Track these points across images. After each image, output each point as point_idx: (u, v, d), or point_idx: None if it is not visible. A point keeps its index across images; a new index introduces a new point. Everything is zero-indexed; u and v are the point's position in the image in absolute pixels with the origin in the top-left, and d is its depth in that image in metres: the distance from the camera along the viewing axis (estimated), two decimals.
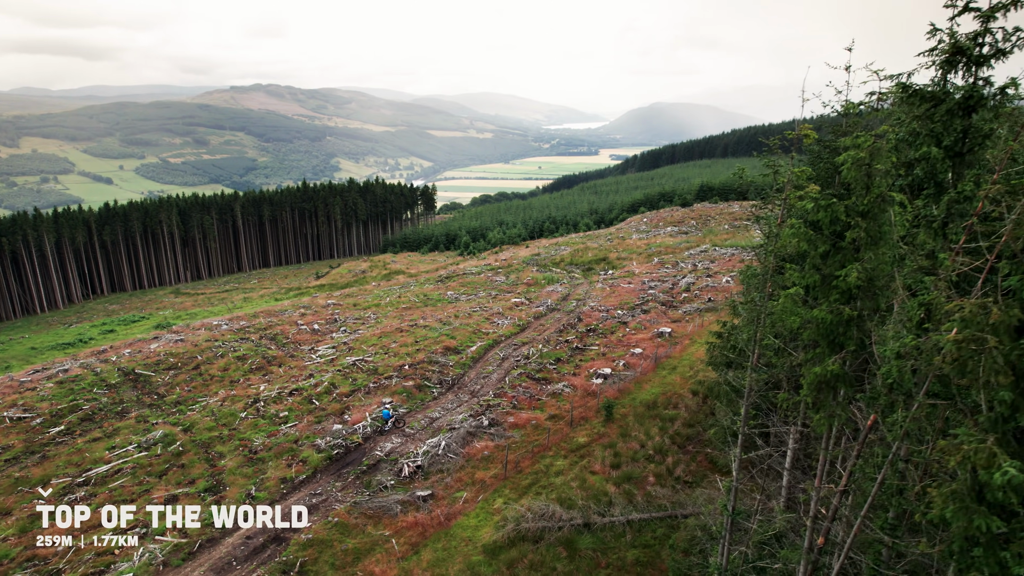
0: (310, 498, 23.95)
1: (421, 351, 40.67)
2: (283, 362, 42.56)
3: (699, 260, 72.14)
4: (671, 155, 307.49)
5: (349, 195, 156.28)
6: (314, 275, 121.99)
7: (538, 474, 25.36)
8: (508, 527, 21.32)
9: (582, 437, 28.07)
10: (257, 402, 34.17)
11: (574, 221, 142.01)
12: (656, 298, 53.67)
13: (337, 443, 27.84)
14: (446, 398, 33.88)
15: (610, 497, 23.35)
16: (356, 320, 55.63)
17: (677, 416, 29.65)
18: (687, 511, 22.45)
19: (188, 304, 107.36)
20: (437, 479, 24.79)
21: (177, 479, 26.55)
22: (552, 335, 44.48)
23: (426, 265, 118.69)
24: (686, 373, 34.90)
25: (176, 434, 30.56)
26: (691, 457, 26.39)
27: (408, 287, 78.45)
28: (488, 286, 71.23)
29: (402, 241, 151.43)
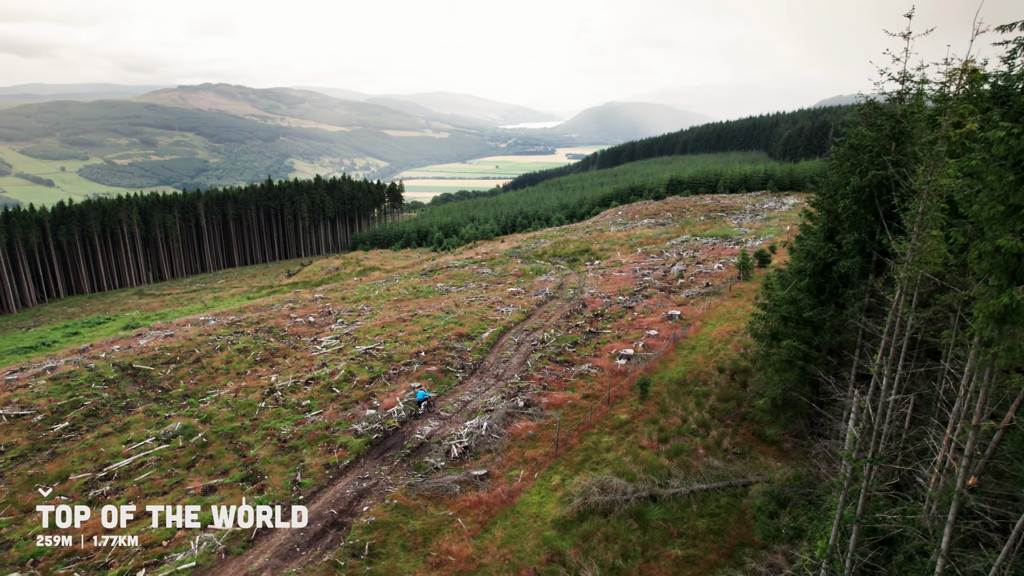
0: (359, 482, 23.10)
1: (433, 338, 39.99)
2: (287, 353, 41.29)
3: (683, 249, 72.98)
4: (631, 152, 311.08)
5: (316, 192, 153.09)
6: (285, 273, 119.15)
7: (588, 451, 25.04)
8: (575, 502, 20.93)
9: (623, 414, 27.86)
10: (273, 392, 33.00)
11: (546, 216, 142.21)
12: (652, 284, 53.97)
13: (375, 428, 27.00)
14: (471, 382, 33.30)
15: (668, 469, 23.19)
16: (350, 312, 54.41)
17: (710, 392, 29.74)
18: (748, 479, 22.43)
19: (155, 305, 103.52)
20: (488, 459, 24.22)
21: (208, 470, 25.35)
22: (560, 321, 44.32)
23: (400, 261, 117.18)
24: (707, 352, 35.08)
25: (196, 426, 29.22)
26: (733, 430, 26.44)
27: (394, 281, 77.29)
28: (476, 278, 70.61)
29: (372, 238, 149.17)
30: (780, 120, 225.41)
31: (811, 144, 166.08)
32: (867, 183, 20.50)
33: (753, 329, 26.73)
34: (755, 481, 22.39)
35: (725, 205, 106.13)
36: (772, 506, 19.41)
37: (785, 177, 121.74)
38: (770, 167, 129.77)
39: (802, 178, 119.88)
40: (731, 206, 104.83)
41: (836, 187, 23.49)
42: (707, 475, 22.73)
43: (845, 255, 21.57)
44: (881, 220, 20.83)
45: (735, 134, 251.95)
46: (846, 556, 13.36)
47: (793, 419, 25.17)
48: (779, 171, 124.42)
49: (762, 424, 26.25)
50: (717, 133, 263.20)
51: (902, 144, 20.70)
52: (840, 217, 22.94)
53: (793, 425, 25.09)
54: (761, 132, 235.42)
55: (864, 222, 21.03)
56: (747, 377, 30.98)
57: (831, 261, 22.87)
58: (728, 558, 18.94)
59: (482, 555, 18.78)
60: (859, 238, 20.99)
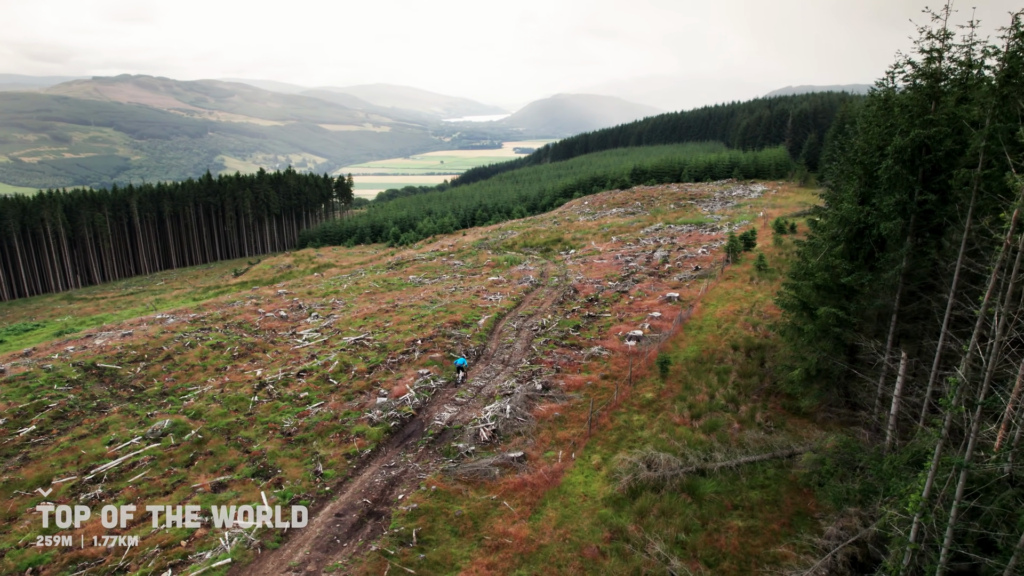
0: (387, 471, 22.42)
1: (427, 327, 39.42)
2: (266, 348, 40.00)
3: (659, 237, 73.99)
4: (584, 144, 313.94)
5: (260, 187, 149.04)
6: (231, 273, 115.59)
7: (621, 429, 24.97)
8: (624, 479, 20.80)
9: (648, 393, 27.92)
10: (264, 386, 31.86)
11: (506, 208, 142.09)
12: (639, 270, 54.51)
13: (391, 415, 26.31)
14: (478, 368, 32.90)
15: (709, 444, 23.31)
16: (323, 306, 53.17)
17: (729, 369, 30.12)
18: (792, 450, 22.72)
19: (90, 309, 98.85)
20: (519, 441, 23.87)
21: (211, 467, 24.20)
22: (554, 306, 44.37)
23: (356, 258, 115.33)
24: (716, 331, 35.55)
25: (186, 423, 27.90)
26: (763, 404, 26.80)
27: (360, 275, 75.99)
28: (448, 270, 70.13)
29: (322, 235, 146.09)
30: (736, 110, 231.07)
31: (770, 133, 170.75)
32: (909, 143, 20.98)
33: (782, 300, 27.13)
34: (799, 451, 22.71)
35: (693, 193, 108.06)
36: (841, 470, 19.68)
37: (750, 165, 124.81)
38: (734, 155, 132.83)
39: (767, 165, 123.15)
40: (699, 194, 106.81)
41: (868, 151, 24.07)
42: (750, 448, 22.93)
43: (885, 217, 22.02)
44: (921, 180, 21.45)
45: (691, 124, 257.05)
46: (951, 504, 13.56)
47: (827, 389, 25.68)
48: (744, 159, 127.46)
49: (793, 397, 26.69)
50: (672, 124, 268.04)
51: (942, 103, 21.28)
52: (877, 180, 23.50)
53: (827, 395, 25.59)
54: (717, 122, 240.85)
55: (905, 183, 21.54)
56: (764, 354, 31.52)
57: (867, 224, 23.38)
58: (789, 527, 19.13)
59: (540, 536, 18.44)
60: (900, 199, 21.47)
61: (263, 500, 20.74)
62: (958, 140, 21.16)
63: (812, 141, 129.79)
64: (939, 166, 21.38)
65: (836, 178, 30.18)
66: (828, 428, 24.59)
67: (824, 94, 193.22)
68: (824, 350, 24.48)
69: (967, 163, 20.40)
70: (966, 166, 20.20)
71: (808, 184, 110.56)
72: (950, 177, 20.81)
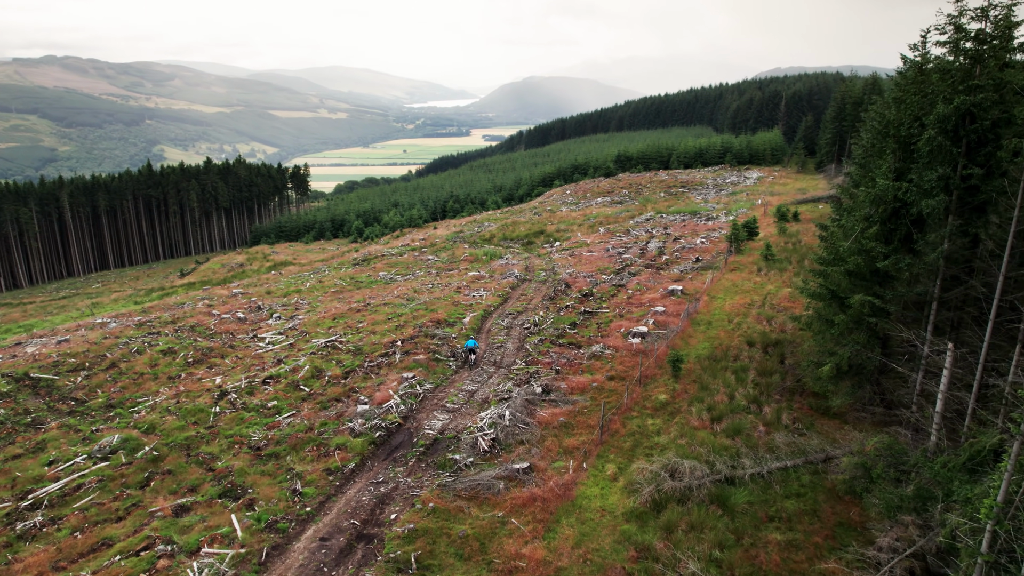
0: (375, 487, 21.39)
1: (406, 327, 38.50)
2: (225, 353, 38.61)
3: (651, 227, 73.85)
4: (561, 130, 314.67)
5: (207, 178, 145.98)
6: (177, 273, 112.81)
7: (635, 435, 24.24)
8: (646, 491, 20.05)
9: (661, 394, 27.26)
10: (226, 395, 30.57)
11: (480, 199, 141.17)
12: (635, 262, 54.10)
13: (375, 425, 25.26)
14: (467, 371, 31.98)
15: (735, 449, 22.68)
16: (284, 307, 51.78)
17: (747, 367, 29.64)
18: (827, 453, 22.19)
19: (16, 315, 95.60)
20: (523, 451, 23.01)
21: (170, 487, 22.91)
22: (545, 303, 43.78)
23: (316, 255, 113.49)
24: (727, 326, 35.11)
25: (138, 438, 26.51)
26: (788, 405, 26.31)
27: (323, 272, 74.60)
28: (422, 265, 69.14)
29: (277, 230, 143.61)
30: (724, 92, 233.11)
31: (762, 116, 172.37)
32: (952, 111, 20.54)
33: (807, 289, 26.66)
34: (835, 455, 22.19)
35: (684, 181, 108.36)
36: (893, 473, 19.13)
37: (744, 150, 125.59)
38: (726, 140, 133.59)
39: (762, 150, 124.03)
40: (691, 181, 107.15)
41: (902, 122, 23.63)
42: (781, 452, 22.35)
43: (926, 194, 21.58)
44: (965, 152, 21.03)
45: (676, 108, 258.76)
46: None
47: (859, 386, 25.24)
48: (736, 144, 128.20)
49: (820, 396, 26.24)
50: (656, 107, 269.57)
51: (986, 68, 20.87)
52: (914, 154, 23.09)
53: (859, 393, 25.14)
54: (704, 105, 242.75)
55: (948, 155, 21.11)
56: (783, 350, 31.11)
57: (904, 203, 22.94)
58: (833, 539, 18.54)
59: (557, 557, 17.58)
60: (943, 173, 21.03)
61: (234, 524, 19.58)
62: (1004, 108, 20.79)
63: (808, 124, 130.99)
64: (985, 137, 20.98)
65: (863, 156, 29.87)
66: (862, 429, 24.13)
67: (818, 74, 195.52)
68: (857, 343, 24.02)
69: (1017, 132, 20.06)
70: (1017, 136, 19.85)
71: (806, 170, 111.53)
72: (997, 148, 20.45)
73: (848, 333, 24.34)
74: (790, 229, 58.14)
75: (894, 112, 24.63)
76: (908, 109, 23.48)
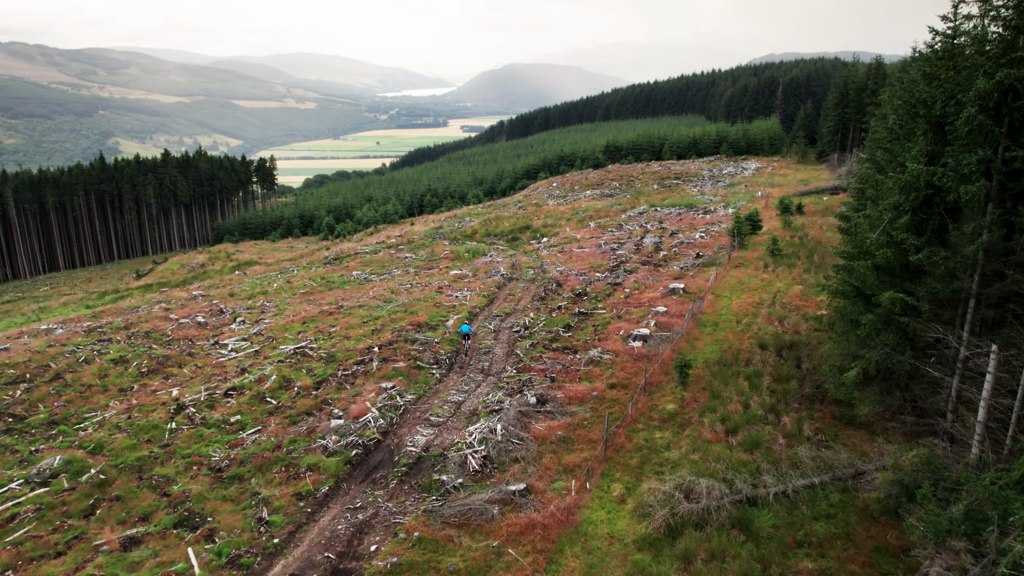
0: (352, 514, 20.00)
1: (383, 331, 37.18)
2: (183, 361, 37.04)
3: (645, 221, 73.16)
4: (545, 120, 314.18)
5: (165, 172, 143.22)
6: (133, 275, 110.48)
7: (643, 450, 23.05)
8: (659, 515, 18.83)
9: (668, 404, 26.11)
10: (183, 409, 29.04)
11: (460, 193, 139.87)
12: (629, 259, 53.18)
13: (351, 442, 23.86)
14: (452, 379, 30.72)
15: (755, 465, 21.56)
16: (249, 309, 50.25)
17: (761, 372, 28.62)
18: (858, 468, 21.13)
19: None
20: (518, 470, 21.73)
21: (118, 516, 21.37)
22: (535, 303, 42.80)
23: (284, 253, 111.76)
24: (735, 327, 34.11)
25: (83, 459, 24.92)
26: (808, 414, 25.27)
27: (290, 273, 73.13)
28: (398, 263, 67.91)
29: (241, 228, 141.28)
30: (717, 78, 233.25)
31: (758, 103, 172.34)
32: (994, 87, 19.52)
33: (829, 286, 25.63)
34: (866, 470, 21.14)
35: (679, 172, 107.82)
36: (941, 492, 18.03)
37: (740, 139, 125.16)
38: (721, 129, 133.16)
39: (759, 140, 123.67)
40: (685, 173, 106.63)
41: (933, 101, 22.62)
42: (806, 468, 21.25)
43: (965, 179, 20.55)
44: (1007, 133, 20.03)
45: (666, 96, 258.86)
46: None
47: (887, 392, 24.20)
48: (732, 133, 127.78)
49: (844, 403, 25.22)
50: (645, 95, 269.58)
51: None
52: (948, 135, 22.09)
53: (888, 400, 24.11)
54: (696, 93, 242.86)
55: (989, 136, 20.10)
56: (799, 353, 30.11)
57: (939, 189, 21.91)
58: (870, 567, 17.45)
59: None
60: (983, 156, 20.01)
61: (191, 560, 18.12)
62: None
63: (808, 111, 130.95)
64: None
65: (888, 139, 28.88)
66: (893, 440, 23.08)
67: (816, 60, 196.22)
68: (887, 345, 22.97)
69: None
70: None
71: (807, 160, 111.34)
72: None
73: (876, 334, 23.29)
74: (795, 222, 57.41)
75: (924, 89, 23.61)
76: (941, 86, 22.47)
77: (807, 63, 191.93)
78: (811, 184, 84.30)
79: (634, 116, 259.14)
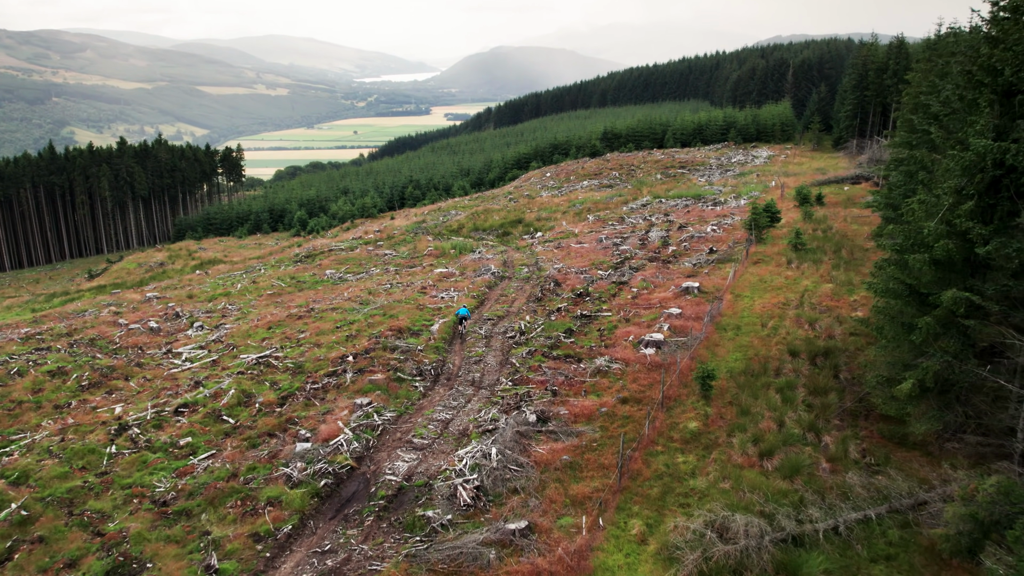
0: (319, 559, 17.94)
1: (359, 336, 35.36)
2: (130, 373, 34.94)
3: (649, 214, 71.66)
4: (536, 106, 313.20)
5: (121, 162, 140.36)
6: (85, 275, 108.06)
7: (664, 478, 21.08)
8: (689, 559, 16.86)
9: (691, 422, 24.18)
10: (126, 429, 26.93)
11: (445, 185, 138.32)
12: (635, 254, 51.52)
13: (320, 470, 21.78)
14: (438, 393, 28.77)
15: (798, 496, 19.64)
16: (209, 314, 48.17)
17: (794, 383, 26.75)
18: (918, 498, 19.25)
19: None
20: (517, 503, 19.71)
21: (39, 562, 19.23)
22: (531, 304, 41.25)
23: (252, 251, 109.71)
24: (760, 332, 32.28)
25: (4, 491, 22.72)
26: (853, 432, 23.37)
27: (257, 272, 71.25)
28: (377, 261, 66.19)
29: (205, 223, 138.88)
30: (722, 61, 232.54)
31: (767, 87, 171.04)
32: None
33: (876, 284, 23.75)
34: (928, 500, 19.26)
35: (683, 160, 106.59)
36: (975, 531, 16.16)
37: (749, 125, 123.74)
38: (729, 114, 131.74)
39: (770, 126, 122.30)
40: (691, 161, 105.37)
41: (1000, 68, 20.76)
42: (859, 498, 19.34)
43: None
44: None
45: (667, 80, 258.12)
46: None
47: (946, 407, 22.32)
48: (741, 119, 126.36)
49: (895, 420, 23.33)
50: (644, 79, 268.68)
51: None
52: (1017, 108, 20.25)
53: (948, 416, 22.22)
54: (699, 76, 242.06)
55: None
56: (837, 361, 28.27)
57: (1010, 169, 20.04)
58: None
59: None
60: None
61: None
62: None
63: (822, 95, 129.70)
64: None
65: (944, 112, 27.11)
66: (955, 463, 21.20)
67: (828, 41, 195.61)
68: (947, 352, 21.08)
69: None
70: None
71: (823, 147, 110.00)
72: None
73: (935, 339, 21.39)
74: (816, 214, 55.77)
75: (987, 54, 21.72)
76: (1010, 49, 20.59)
77: (819, 44, 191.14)
78: (829, 173, 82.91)
79: (632, 102, 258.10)
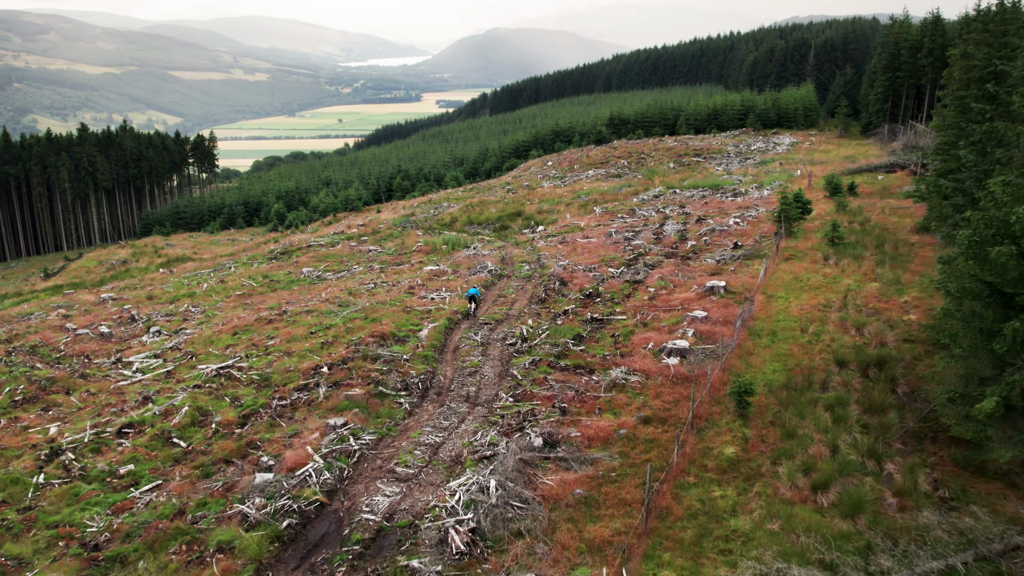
0: None
1: (336, 343, 33.29)
2: (71, 386, 32.72)
3: (663, 205, 69.87)
4: (535, 92, 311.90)
5: (82, 151, 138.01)
6: (40, 274, 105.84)
7: (699, 517, 18.75)
8: None
9: (727, 447, 21.89)
10: (59, 454, 24.66)
11: (436, 175, 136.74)
12: (649, 250, 49.54)
13: (283, 507, 19.39)
14: (427, 411, 26.43)
15: (863, 537, 17.37)
16: (169, 317, 46.00)
17: (845, 400, 24.49)
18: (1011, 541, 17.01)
19: None
20: (522, 549, 17.38)
21: None
22: (533, 307, 39.27)
23: (224, 247, 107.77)
24: (800, 338, 30.03)
25: None
26: (920, 460, 21.05)
27: (226, 269, 69.25)
28: (360, 258, 64.29)
29: (174, 217, 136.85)
30: (736, 42, 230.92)
31: (786, 69, 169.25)
32: None
33: (949, 283, 21.50)
34: (1021, 544, 17.00)
35: (698, 148, 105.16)
36: None
37: (769, 110, 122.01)
38: (747, 98, 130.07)
39: (792, 110, 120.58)
40: (707, 149, 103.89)
41: None
42: (938, 543, 17.06)
43: None
44: None
45: (677, 62, 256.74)
46: None
47: None
48: (760, 103, 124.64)
49: (970, 444, 21.00)
50: (652, 62, 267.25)
51: None
52: None
53: None
54: (712, 59, 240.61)
55: None
56: (892, 372, 26.00)
57: None
58: None
59: None
60: None
61: None
62: None
63: (848, 78, 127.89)
64: None
65: None
66: None
67: (853, 20, 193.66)
68: None
69: None
70: None
71: (850, 133, 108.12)
72: None
73: (1022, 348, 19.13)
74: (851, 205, 53.70)
75: None
76: None
77: (842, 24, 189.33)
78: (860, 161, 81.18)
79: (639, 86, 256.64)
